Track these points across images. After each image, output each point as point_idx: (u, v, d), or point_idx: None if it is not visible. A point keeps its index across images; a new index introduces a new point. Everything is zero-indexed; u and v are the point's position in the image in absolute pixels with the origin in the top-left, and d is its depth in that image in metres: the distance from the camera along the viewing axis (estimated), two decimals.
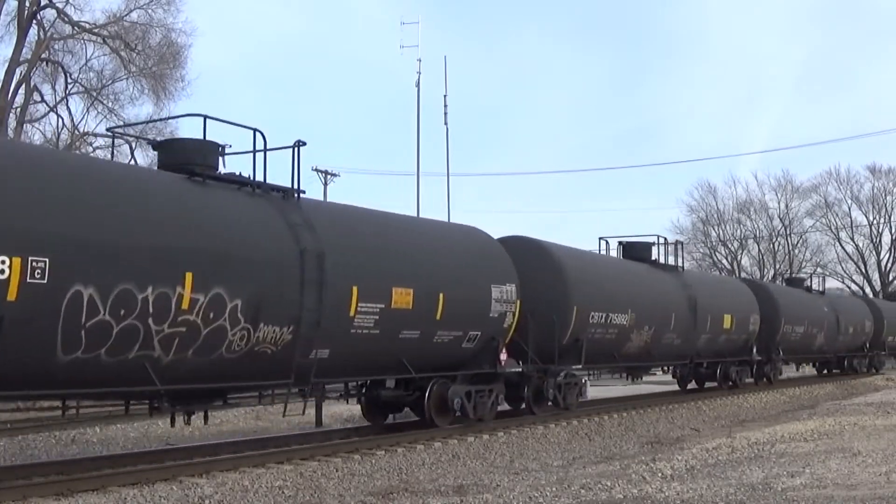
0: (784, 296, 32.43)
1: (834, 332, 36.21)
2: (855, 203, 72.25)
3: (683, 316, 23.75)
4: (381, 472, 12.34)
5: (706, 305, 24.81)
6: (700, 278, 28.87)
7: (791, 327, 31.31)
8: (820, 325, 34.47)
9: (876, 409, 21.68)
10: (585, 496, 10.20)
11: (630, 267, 23.33)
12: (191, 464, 11.95)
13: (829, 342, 35.98)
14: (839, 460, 12.38)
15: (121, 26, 35.66)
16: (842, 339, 37.38)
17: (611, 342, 20.57)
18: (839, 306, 37.86)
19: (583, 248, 23.05)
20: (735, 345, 27.35)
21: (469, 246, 16.85)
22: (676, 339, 23.55)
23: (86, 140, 36.64)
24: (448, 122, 40.43)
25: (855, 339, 39.44)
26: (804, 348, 33.95)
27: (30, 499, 9.59)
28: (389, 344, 14.02)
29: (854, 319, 39.11)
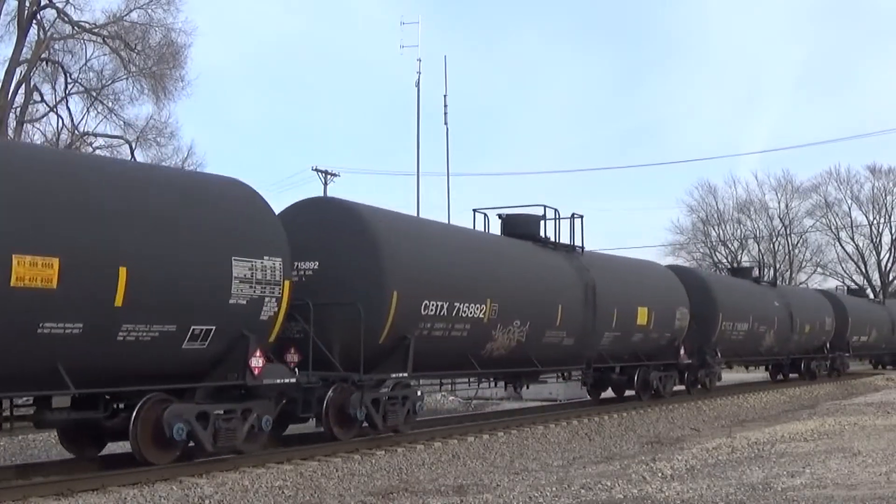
0: (723, 286, 27.23)
1: (786, 330, 30.73)
2: (855, 203, 72.33)
3: (576, 308, 18.85)
4: (381, 472, 12.34)
5: (611, 295, 19.98)
6: (605, 262, 22.03)
7: (732, 324, 26.24)
8: (769, 321, 29.06)
9: (876, 409, 21.68)
10: (585, 496, 10.21)
11: (496, 244, 18.29)
12: (191, 464, 11.94)
13: (781, 342, 30.61)
14: (839, 460, 12.39)
15: (121, 26, 35.66)
16: (796, 338, 31.91)
17: (461, 341, 15.58)
18: (793, 300, 32.31)
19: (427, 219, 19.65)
20: (655, 345, 22.50)
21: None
22: (566, 337, 18.68)
23: (86, 140, 36.66)
24: (448, 122, 40.52)
25: (813, 339, 33.92)
26: (749, 349, 28.52)
27: (30, 499, 9.59)
28: None
29: (811, 316, 33.59)
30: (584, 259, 20.06)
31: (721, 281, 29.36)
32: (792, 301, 32.09)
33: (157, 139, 38.57)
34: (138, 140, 37.70)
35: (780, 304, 30.84)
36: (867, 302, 43.72)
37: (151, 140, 38.38)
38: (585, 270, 19.67)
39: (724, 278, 31.32)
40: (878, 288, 69.62)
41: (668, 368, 23.61)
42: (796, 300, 33.02)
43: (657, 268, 25.76)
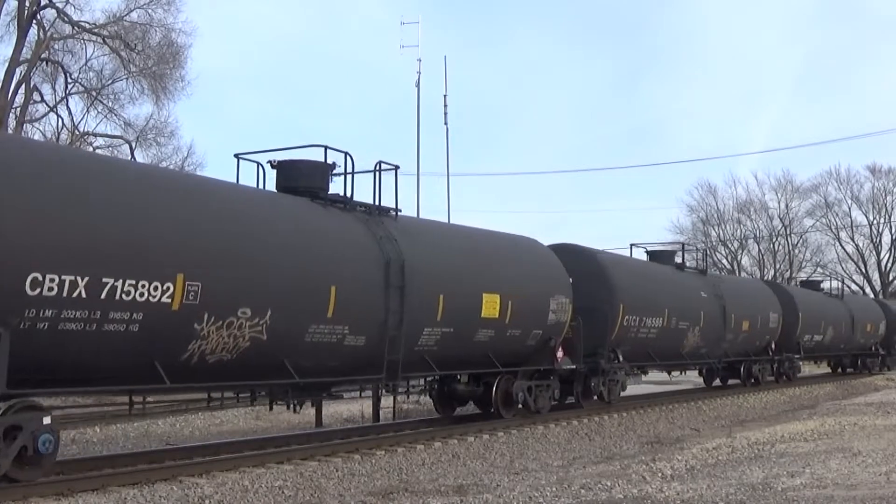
0: (625, 272, 22.05)
1: (717, 327, 25.67)
2: (855, 203, 72.37)
3: (368, 294, 13.84)
4: (381, 472, 12.34)
5: (434, 276, 15.10)
6: (431, 231, 16.72)
7: (638, 319, 21.54)
8: (693, 316, 24.39)
9: (876, 409, 21.69)
10: (585, 496, 10.21)
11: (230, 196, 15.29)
12: (191, 464, 11.96)
13: (711, 342, 25.66)
14: (839, 460, 12.39)
15: (121, 26, 35.70)
16: (732, 337, 26.81)
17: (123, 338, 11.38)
18: (728, 292, 26.94)
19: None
20: (519, 346, 17.45)
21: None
22: (349, 335, 13.85)
23: (86, 140, 36.68)
24: (448, 122, 40.31)
25: (753, 339, 28.57)
26: (665, 351, 23.49)
27: (30, 499, 9.59)
28: None
29: (751, 311, 28.23)
30: (394, 225, 14.85)
31: (623, 265, 22.85)
32: (726, 293, 26.59)
33: (157, 139, 38.66)
34: (138, 140, 37.77)
35: (710, 295, 25.62)
36: (823, 296, 37.63)
37: (151, 140, 38.47)
38: (391, 240, 14.26)
39: (628, 261, 24.25)
40: (878, 288, 69.66)
41: (544, 376, 18.42)
42: (731, 292, 27.42)
43: (525, 244, 19.14)
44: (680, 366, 27.17)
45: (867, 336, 40.07)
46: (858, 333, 38.37)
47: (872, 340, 40.96)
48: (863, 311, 40.07)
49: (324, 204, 14.14)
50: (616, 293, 20.68)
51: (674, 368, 27.92)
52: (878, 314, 41.82)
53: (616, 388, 21.36)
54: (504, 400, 17.52)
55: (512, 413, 17.76)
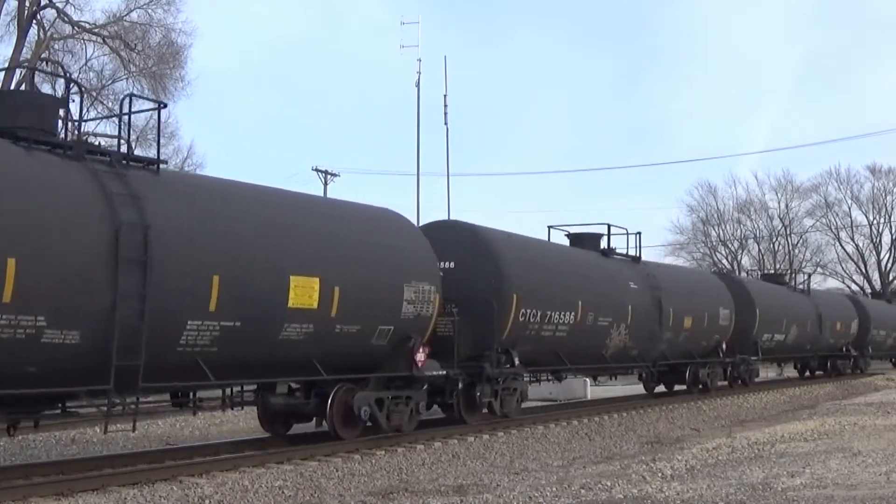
0: (518, 254, 17.65)
1: (650, 325, 21.87)
2: (855, 203, 72.37)
3: None
4: (381, 472, 12.34)
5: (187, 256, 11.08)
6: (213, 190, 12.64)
7: (538, 314, 17.53)
8: (619, 312, 20.43)
9: (876, 409, 21.69)
10: (585, 496, 10.21)
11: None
12: (191, 464, 11.96)
13: (643, 342, 21.73)
14: (839, 460, 12.39)
15: (121, 26, 35.71)
16: (670, 336, 22.99)
17: None
18: (665, 283, 22.92)
19: None
20: (357, 346, 13.82)
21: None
22: None
23: (85, 140, 36.65)
24: (448, 122, 40.34)
25: (699, 338, 24.72)
26: (580, 352, 19.57)
27: (30, 499, 9.59)
28: None
29: (696, 306, 24.15)
30: (149, 181, 11.26)
31: (519, 246, 18.17)
32: (664, 284, 22.76)
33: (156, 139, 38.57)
34: (138, 140, 37.68)
35: (643, 286, 21.89)
36: (786, 290, 33.34)
37: (151, 140, 38.36)
38: (131, 200, 10.65)
39: (526, 243, 19.18)
40: (878, 288, 69.66)
41: (406, 385, 14.84)
42: (671, 283, 23.41)
43: (372, 216, 15.09)
44: (603, 370, 22.21)
45: (837, 336, 36.38)
46: (827, 333, 34.67)
47: (843, 341, 37.28)
48: (832, 307, 36.31)
49: (28, 147, 10.28)
50: (507, 281, 16.66)
51: (595, 374, 23.34)
52: (849, 312, 38.09)
53: (512, 400, 17.54)
54: (344, 416, 13.74)
55: (355, 433, 13.96)
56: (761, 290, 30.39)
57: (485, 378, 16.48)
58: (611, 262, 21.72)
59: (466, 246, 16.83)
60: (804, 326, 32.21)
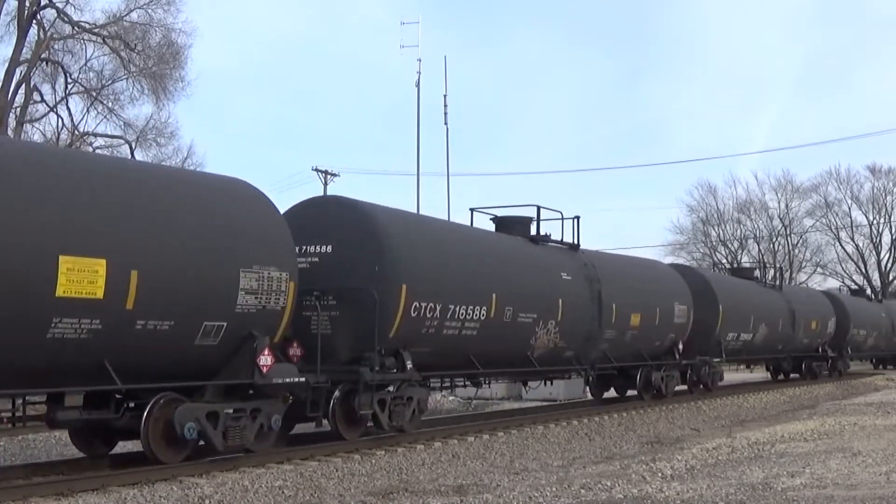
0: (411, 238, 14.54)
1: (588, 322, 18.79)
2: (855, 203, 72.35)
3: None
4: (381, 472, 12.34)
5: None
6: None
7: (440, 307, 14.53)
8: (545, 307, 17.26)
9: (876, 409, 21.71)
10: (585, 496, 10.21)
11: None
12: (191, 464, 11.95)
13: (578, 342, 18.62)
14: (839, 460, 12.40)
15: (121, 26, 35.69)
16: (613, 336, 19.89)
17: None
18: (607, 275, 19.73)
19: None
20: (175, 347, 11.17)
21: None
22: None
23: (85, 140, 36.68)
24: (448, 122, 40.33)
25: (650, 338, 21.71)
26: (493, 354, 16.37)
27: (30, 499, 9.59)
28: None
29: (644, 301, 21.12)
30: None
31: (411, 227, 15.11)
32: (605, 275, 19.53)
33: (157, 139, 38.61)
34: (138, 140, 37.74)
35: (579, 278, 18.68)
36: (755, 286, 30.32)
37: (151, 140, 38.43)
38: None
39: (420, 222, 16.27)
40: (878, 288, 69.67)
41: (247, 396, 12.13)
42: (613, 274, 20.13)
43: (195, 183, 12.55)
44: (528, 375, 18.90)
45: (812, 335, 33.07)
46: (801, 332, 31.64)
47: (819, 340, 33.96)
48: (807, 305, 33.17)
49: None
50: (393, 267, 13.69)
51: (519, 378, 19.68)
52: (826, 309, 34.79)
53: (405, 411, 14.49)
54: (166, 434, 11.10)
55: (180, 457, 11.36)
56: (725, 284, 27.68)
57: (363, 386, 13.44)
58: (540, 250, 18.44)
59: (347, 225, 13.95)
60: (775, 325, 29.29)
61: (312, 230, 13.81)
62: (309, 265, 13.71)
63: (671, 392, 23.21)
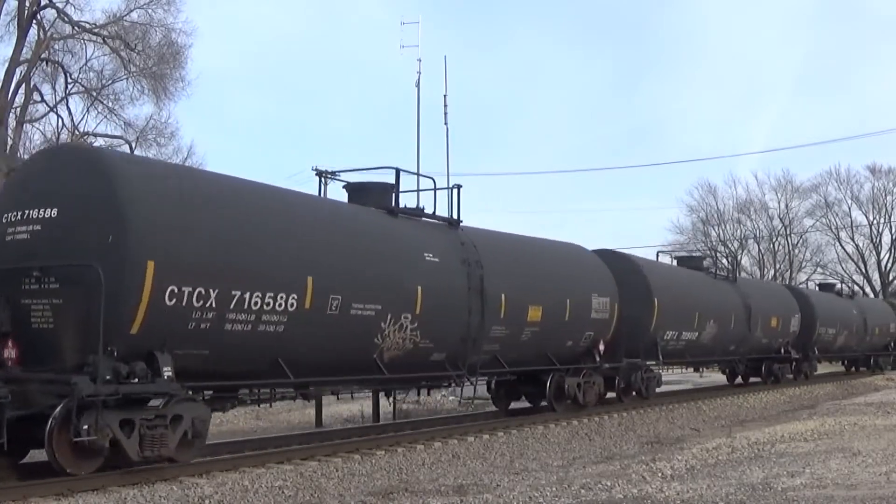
0: (168, 199, 10.65)
1: (465, 317, 15.17)
2: (855, 203, 72.30)
3: None
4: (381, 472, 12.34)
5: None
6: None
7: (223, 292, 11.08)
8: (399, 299, 13.86)
9: (876, 409, 21.70)
10: (585, 496, 10.21)
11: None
12: (191, 464, 11.95)
13: (448, 342, 15.02)
14: (839, 460, 12.40)
15: (121, 26, 35.68)
16: (502, 334, 16.20)
17: None
18: (492, 257, 16.04)
19: None
20: None
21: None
22: None
23: (85, 140, 36.68)
24: (448, 122, 40.24)
25: (559, 337, 18.09)
26: (324, 357, 12.98)
27: (30, 499, 9.59)
28: None
29: (548, 292, 17.46)
30: None
31: (168, 181, 11.41)
32: (489, 259, 15.71)
33: (157, 139, 38.58)
34: (138, 140, 37.73)
35: (449, 261, 14.97)
36: (703, 277, 26.46)
37: (151, 140, 38.40)
38: None
39: (190, 174, 13.50)
40: (878, 288, 69.65)
41: None
42: (500, 257, 16.35)
43: None
44: (376, 384, 15.14)
45: (772, 334, 29.69)
46: (759, 330, 28.15)
47: (781, 340, 30.54)
48: (765, 299, 29.47)
49: None
50: (135, 236, 10.36)
51: (360, 388, 15.42)
52: (788, 305, 31.30)
53: (170, 436, 10.81)
54: None
55: None
56: (663, 274, 23.50)
57: (77, 402, 9.78)
58: (398, 225, 14.86)
59: (77, 181, 10.61)
60: (726, 322, 25.62)
61: (36, 189, 10.77)
62: (29, 235, 10.65)
63: (591, 401, 19.56)
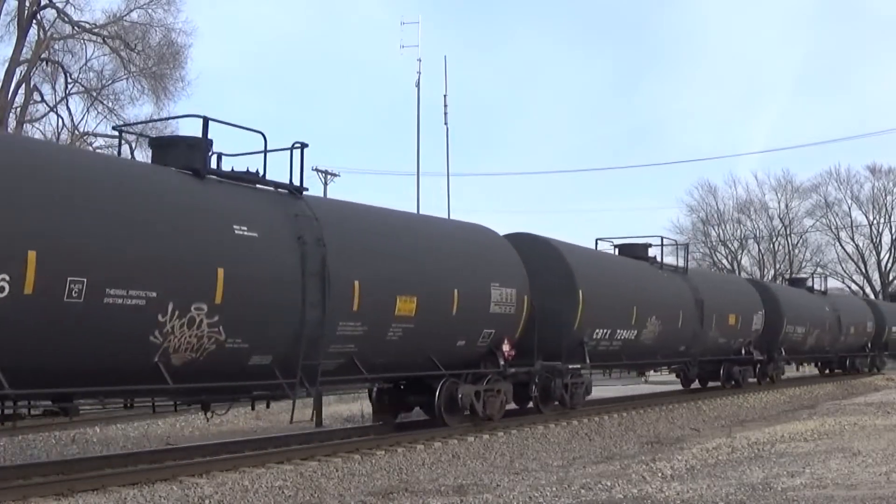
0: None
1: (298, 307, 11.96)
2: (855, 203, 72.35)
3: None
4: (381, 472, 12.34)
5: None
6: None
7: None
8: (190, 285, 10.72)
9: (876, 409, 21.70)
10: (585, 496, 10.21)
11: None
12: (191, 464, 11.95)
13: (276, 339, 11.81)
14: (839, 460, 12.39)
15: (121, 26, 35.72)
16: (357, 332, 13.10)
17: None
18: (343, 235, 13.05)
19: None
20: None
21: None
22: None
23: (86, 140, 36.67)
24: (448, 122, 40.25)
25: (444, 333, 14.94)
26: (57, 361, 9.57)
27: (30, 499, 9.59)
28: None
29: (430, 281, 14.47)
30: None
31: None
32: (336, 236, 12.76)
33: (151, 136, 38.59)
34: (138, 140, 37.72)
35: (273, 235, 11.93)
36: (648, 268, 23.09)
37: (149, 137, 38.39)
38: None
39: None
40: (878, 288, 69.64)
41: None
42: (354, 234, 13.38)
43: None
44: (154, 395, 11.52)
45: (731, 333, 26.31)
46: (714, 329, 25.09)
47: (742, 340, 27.28)
48: (722, 294, 26.26)
49: None
50: None
51: (129, 397, 11.75)
52: (750, 301, 28.09)
53: None
54: None
55: None
56: (591, 262, 20.15)
57: None
58: (203, 189, 11.67)
59: None
60: (673, 319, 22.46)
61: None
62: None
63: (498, 414, 16.50)
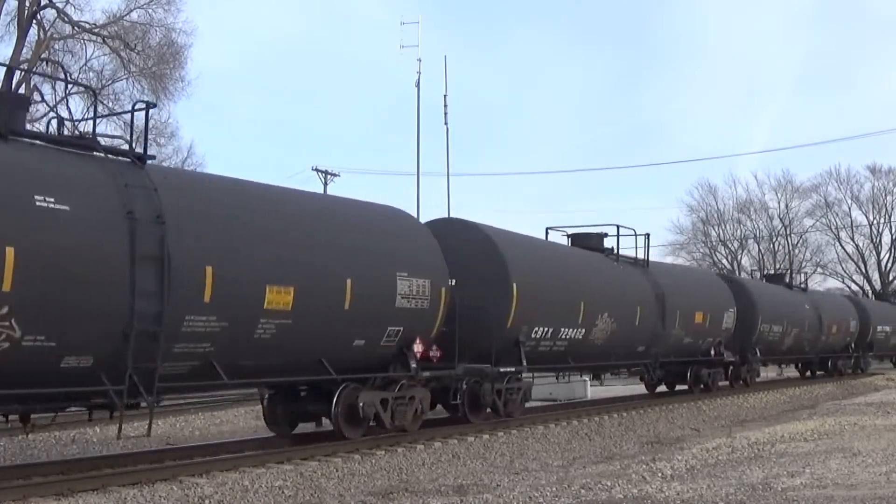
0: None
1: (132, 297, 10.02)
2: (855, 203, 72.38)
3: None
4: (381, 472, 12.34)
5: None
6: None
7: None
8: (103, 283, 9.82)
9: (876, 409, 21.70)
10: (585, 496, 10.21)
11: None
12: (191, 464, 11.95)
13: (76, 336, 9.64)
14: (839, 460, 12.40)
15: (121, 26, 35.73)
16: (210, 329, 11.06)
17: None
18: (190, 209, 11.29)
19: None
20: None
21: None
22: None
23: None
24: (448, 122, 40.27)
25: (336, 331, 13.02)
26: None
27: (30, 499, 9.59)
28: None
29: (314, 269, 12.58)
30: None
31: None
32: (184, 210, 11.18)
33: (157, 139, 38.67)
34: (138, 140, 37.73)
35: (94, 211, 10.09)
36: (601, 260, 21.20)
37: (151, 140, 38.39)
38: None
39: None
40: (878, 288, 69.62)
41: None
42: (207, 208, 11.74)
43: None
44: None
45: (698, 333, 24.26)
46: (677, 328, 23.05)
47: (711, 340, 25.14)
48: (688, 290, 24.39)
49: None
50: None
51: None
52: (719, 297, 26.04)
53: None
54: None
55: None
56: (529, 251, 17.91)
57: None
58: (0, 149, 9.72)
59: None
60: (629, 317, 20.57)
61: None
62: None
63: (412, 424, 14.78)
